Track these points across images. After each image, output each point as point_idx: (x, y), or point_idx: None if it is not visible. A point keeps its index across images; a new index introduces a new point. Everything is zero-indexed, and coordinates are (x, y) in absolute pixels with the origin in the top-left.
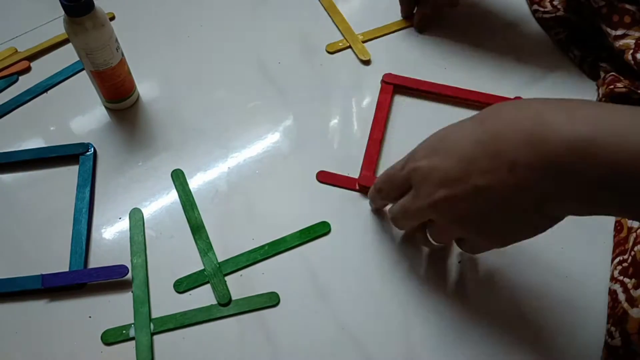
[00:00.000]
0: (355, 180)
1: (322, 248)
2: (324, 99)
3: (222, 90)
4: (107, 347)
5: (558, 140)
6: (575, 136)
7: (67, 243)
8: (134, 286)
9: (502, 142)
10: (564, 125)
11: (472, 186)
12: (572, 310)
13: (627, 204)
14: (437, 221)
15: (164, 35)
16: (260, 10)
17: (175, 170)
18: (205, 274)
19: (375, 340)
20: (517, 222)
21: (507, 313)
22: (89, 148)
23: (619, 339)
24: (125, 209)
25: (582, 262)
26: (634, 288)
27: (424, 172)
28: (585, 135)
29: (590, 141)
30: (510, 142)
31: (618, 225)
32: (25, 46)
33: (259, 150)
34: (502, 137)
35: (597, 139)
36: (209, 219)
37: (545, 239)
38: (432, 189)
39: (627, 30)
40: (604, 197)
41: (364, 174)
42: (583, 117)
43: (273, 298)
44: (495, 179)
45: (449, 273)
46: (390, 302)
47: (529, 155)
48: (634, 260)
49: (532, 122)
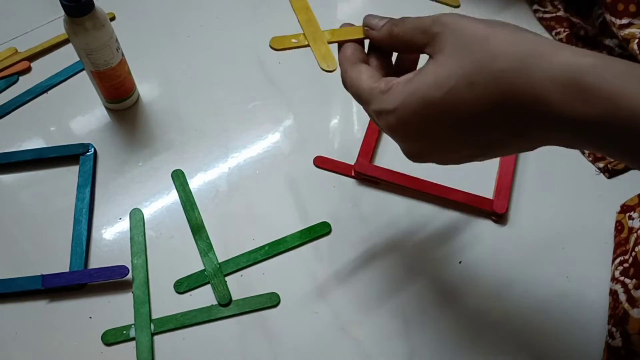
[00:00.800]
0: (351, 167)
1: (323, 248)
2: (324, 99)
3: (223, 90)
4: (108, 347)
5: (541, 70)
6: (564, 67)
7: (67, 243)
8: (134, 286)
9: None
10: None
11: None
12: (573, 311)
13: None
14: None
15: (164, 35)
16: (260, 10)
17: (175, 170)
18: (205, 275)
19: (375, 340)
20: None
21: (507, 312)
22: (89, 148)
23: (619, 340)
24: (126, 209)
25: (583, 263)
26: (635, 288)
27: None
28: (576, 67)
29: (585, 74)
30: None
31: (619, 225)
32: (25, 46)
33: (259, 150)
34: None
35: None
36: (209, 219)
37: (546, 239)
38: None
39: (633, 19)
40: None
41: (360, 160)
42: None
43: (273, 298)
44: (453, 94)
45: (449, 273)
46: (390, 302)
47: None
48: (635, 261)
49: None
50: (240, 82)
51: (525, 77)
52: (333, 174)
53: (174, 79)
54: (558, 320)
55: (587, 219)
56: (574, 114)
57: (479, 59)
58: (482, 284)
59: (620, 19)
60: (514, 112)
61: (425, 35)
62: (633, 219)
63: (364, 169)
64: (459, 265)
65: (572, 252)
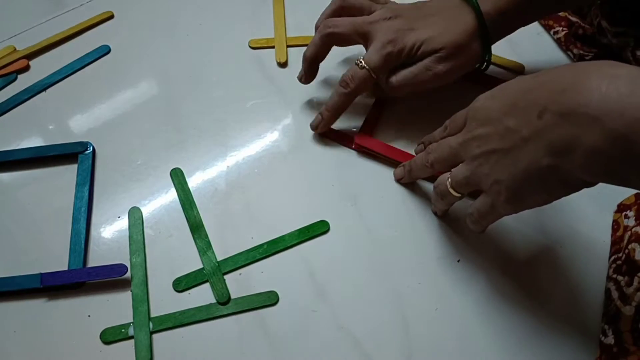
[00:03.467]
0: (352, 137)
1: (322, 247)
2: (324, 98)
3: (221, 89)
4: (106, 346)
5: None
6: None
7: (66, 242)
8: (133, 285)
9: (543, 90)
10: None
11: (504, 126)
12: (570, 309)
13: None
14: (464, 156)
15: (162, 33)
16: (260, 8)
17: (174, 169)
18: (204, 273)
19: (375, 340)
20: (533, 174)
21: (505, 311)
22: (88, 147)
23: (612, 337)
24: (124, 208)
25: (580, 261)
26: (627, 285)
27: (475, 108)
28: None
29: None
30: (549, 89)
31: (615, 224)
32: (24, 44)
33: (258, 149)
34: (545, 86)
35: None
36: (208, 218)
37: (543, 237)
38: (474, 125)
39: (627, 29)
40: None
41: (362, 133)
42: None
43: (272, 297)
44: (524, 122)
45: (449, 272)
46: (390, 301)
47: (561, 102)
48: (627, 258)
49: (581, 72)
50: (239, 80)
51: None
52: (333, 174)
53: (172, 78)
54: (554, 318)
55: (584, 217)
56: None
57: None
58: (481, 283)
59: (615, 27)
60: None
61: None
62: (628, 217)
63: (366, 142)
64: (458, 263)
65: (570, 251)
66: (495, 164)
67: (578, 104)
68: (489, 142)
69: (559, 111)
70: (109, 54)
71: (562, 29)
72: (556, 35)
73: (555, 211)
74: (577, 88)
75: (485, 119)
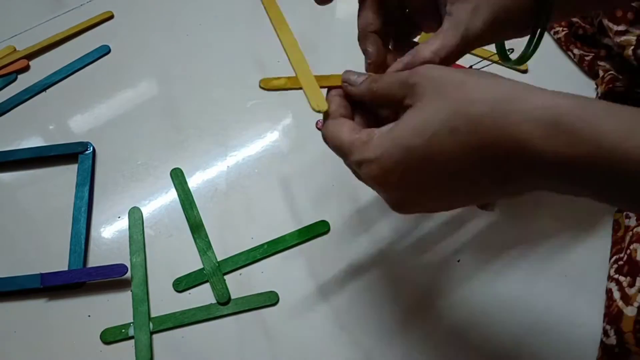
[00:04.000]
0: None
1: (322, 247)
2: None
3: (221, 88)
4: (107, 346)
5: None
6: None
7: (66, 242)
8: (133, 285)
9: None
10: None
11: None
12: (570, 309)
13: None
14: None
15: (162, 34)
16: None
17: (174, 169)
18: (204, 273)
19: (375, 340)
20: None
21: (505, 311)
22: (88, 147)
23: (614, 338)
24: (124, 208)
25: (581, 261)
26: (629, 286)
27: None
28: (558, 110)
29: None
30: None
31: (616, 225)
32: (24, 45)
33: (258, 149)
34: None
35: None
36: (208, 218)
37: (544, 237)
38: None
39: (629, 27)
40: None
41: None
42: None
43: (272, 297)
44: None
45: (448, 272)
46: (390, 301)
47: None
48: (630, 259)
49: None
50: (239, 80)
51: (503, 121)
52: (333, 174)
53: (172, 78)
54: (555, 318)
55: (585, 217)
56: (556, 156)
57: (457, 103)
58: (481, 283)
59: (617, 25)
60: (495, 156)
61: (403, 87)
62: (629, 217)
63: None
64: (458, 263)
65: (571, 251)
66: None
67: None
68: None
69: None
70: (109, 54)
71: (562, 29)
72: (556, 35)
73: (555, 210)
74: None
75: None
